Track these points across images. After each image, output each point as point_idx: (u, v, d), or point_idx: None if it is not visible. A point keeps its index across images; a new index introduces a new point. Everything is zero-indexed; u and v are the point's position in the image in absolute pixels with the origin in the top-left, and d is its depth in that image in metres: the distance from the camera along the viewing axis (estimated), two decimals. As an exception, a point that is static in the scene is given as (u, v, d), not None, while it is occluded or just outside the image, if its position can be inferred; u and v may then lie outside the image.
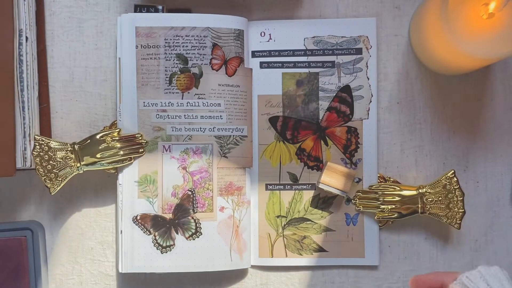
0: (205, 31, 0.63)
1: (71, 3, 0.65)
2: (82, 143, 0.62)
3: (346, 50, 0.65)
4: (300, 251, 0.65)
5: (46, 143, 0.61)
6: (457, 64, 0.62)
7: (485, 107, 0.66)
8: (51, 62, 0.65)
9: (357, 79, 0.65)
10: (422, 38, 0.62)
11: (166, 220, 0.63)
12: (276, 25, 0.66)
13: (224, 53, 0.64)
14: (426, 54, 0.64)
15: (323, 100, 0.65)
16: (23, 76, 0.60)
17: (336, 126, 0.65)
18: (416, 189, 0.63)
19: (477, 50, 0.55)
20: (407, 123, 0.66)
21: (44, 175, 0.61)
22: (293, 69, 0.66)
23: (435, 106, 0.66)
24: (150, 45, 0.63)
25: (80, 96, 0.66)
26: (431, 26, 0.59)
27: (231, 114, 0.64)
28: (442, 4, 0.54)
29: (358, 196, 0.65)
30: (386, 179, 0.65)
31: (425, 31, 0.61)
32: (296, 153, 0.66)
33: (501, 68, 0.66)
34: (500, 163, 0.66)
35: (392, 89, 0.66)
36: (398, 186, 0.64)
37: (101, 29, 0.65)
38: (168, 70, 0.63)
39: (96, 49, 0.65)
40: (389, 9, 0.66)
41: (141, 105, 0.63)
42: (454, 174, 0.63)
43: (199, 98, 0.63)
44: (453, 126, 0.66)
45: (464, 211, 0.63)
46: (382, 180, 0.65)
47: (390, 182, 0.65)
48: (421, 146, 0.66)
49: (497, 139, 0.66)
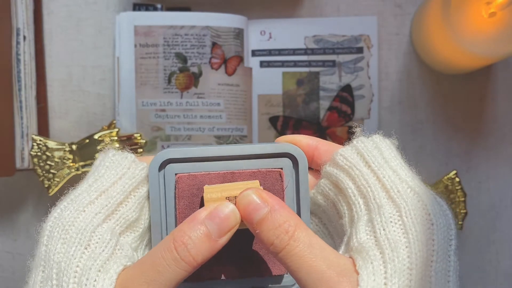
0: (204, 29, 0.63)
1: (69, 2, 0.65)
2: (80, 143, 0.62)
3: (347, 49, 0.65)
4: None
5: (44, 143, 0.61)
6: (459, 63, 0.61)
7: (488, 107, 0.66)
8: (49, 61, 0.65)
9: (358, 79, 0.65)
10: (424, 37, 0.62)
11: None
12: (276, 24, 0.65)
13: (223, 52, 0.63)
14: (428, 53, 0.63)
15: (323, 99, 0.65)
16: (20, 76, 0.60)
17: (337, 126, 0.65)
18: (418, 190, 0.63)
19: (479, 49, 0.55)
20: (408, 123, 0.65)
21: (42, 175, 0.61)
22: (293, 68, 0.65)
23: (437, 105, 0.66)
24: (149, 44, 0.62)
25: (78, 95, 0.65)
26: (432, 24, 0.58)
27: (230, 114, 0.63)
28: (444, 2, 0.54)
29: (359, 196, 0.64)
30: (387, 180, 0.65)
31: (427, 30, 0.60)
32: (297, 153, 0.65)
33: (503, 67, 0.65)
34: (502, 163, 0.66)
35: (393, 89, 0.66)
36: (400, 186, 0.64)
37: (100, 28, 0.65)
38: (167, 69, 0.63)
39: (94, 48, 0.65)
40: (390, 8, 0.66)
41: (140, 105, 0.63)
42: (456, 174, 0.63)
43: (199, 98, 0.63)
44: (455, 126, 0.66)
45: (466, 212, 0.63)
46: (383, 181, 0.65)
47: (392, 183, 0.64)
48: (422, 146, 0.65)
49: (500, 139, 0.66)
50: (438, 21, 0.56)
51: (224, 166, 0.35)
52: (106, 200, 0.33)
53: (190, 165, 0.35)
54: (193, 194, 0.35)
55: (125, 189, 0.34)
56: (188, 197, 0.35)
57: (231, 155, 0.35)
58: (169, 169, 0.35)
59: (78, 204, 0.33)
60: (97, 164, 0.36)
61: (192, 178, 0.35)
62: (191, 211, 0.34)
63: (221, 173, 0.35)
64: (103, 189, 0.34)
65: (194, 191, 0.35)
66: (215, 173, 0.35)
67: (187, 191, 0.35)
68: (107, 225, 0.33)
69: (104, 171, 0.35)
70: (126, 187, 0.34)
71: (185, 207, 0.34)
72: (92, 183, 0.34)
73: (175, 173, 0.35)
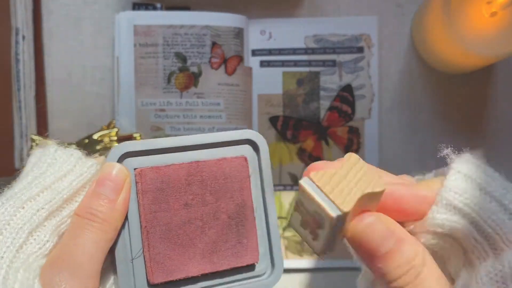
0: (204, 29, 0.62)
1: (69, 1, 0.65)
2: (79, 143, 0.62)
3: (347, 49, 0.65)
4: (301, 253, 0.65)
5: (43, 143, 0.61)
6: (460, 63, 0.61)
7: (488, 106, 0.65)
8: (48, 61, 0.65)
9: (358, 78, 0.64)
10: (424, 36, 0.62)
11: (165, 221, 0.63)
12: (276, 23, 0.65)
13: (223, 51, 0.63)
14: (429, 52, 0.63)
15: (324, 99, 0.65)
16: (20, 76, 0.60)
17: (338, 126, 0.65)
18: (419, 190, 0.63)
19: (480, 48, 0.55)
20: (409, 123, 0.65)
21: (41, 175, 0.61)
22: (293, 68, 0.65)
23: (438, 105, 0.65)
24: (149, 44, 0.62)
25: (78, 95, 0.65)
26: (433, 24, 0.58)
27: (230, 114, 0.63)
28: (444, 2, 0.54)
29: (359, 196, 0.64)
30: (388, 180, 0.64)
31: (427, 30, 0.60)
32: (297, 153, 0.65)
33: (504, 67, 0.65)
34: (504, 163, 0.65)
35: (394, 88, 0.65)
36: (400, 186, 0.63)
37: (99, 27, 0.65)
38: (166, 69, 0.62)
39: (93, 48, 0.65)
40: (391, 7, 0.65)
41: (139, 105, 0.62)
42: (457, 174, 0.62)
43: (198, 98, 0.63)
44: (456, 126, 0.65)
45: (467, 212, 0.62)
46: (384, 181, 0.64)
47: (392, 183, 0.64)
48: (423, 146, 0.65)
49: (501, 139, 0.65)
50: (439, 21, 0.55)
51: (187, 156, 0.33)
52: (51, 195, 0.30)
53: (151, 158, 0.33)
54: (157, 188, 0.32)
55: (73, 186, 0.31)
56: (153, 191, 0.32)
57: (193, 145, 0.33)
58: (128, 163, 0.32)
59: (15, 200, 0.29)
60: (34, 162, 0.32)
61: (155, 171, 0.32)
62: (157, 206, 0.32)
63: (185, 164, 0.33)
64: (46, 185, 0.30)
65: (158, 185, 0.32)
66: (179, 165, 0.33)
67: (151, 185, 0.32)
68: (50, 223, 0.30)
69: (46, 168, 0.31)
70: (74, 184, 0.31)
71: (151, 202, 0.32)
72: (32, 181, 0.31)
73: (135, 168, 0.32)
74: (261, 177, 0.35)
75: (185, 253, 0.31)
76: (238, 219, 0.34)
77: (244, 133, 0.35)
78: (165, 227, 0.32)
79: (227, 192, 0.34)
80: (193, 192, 0.33)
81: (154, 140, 0.33)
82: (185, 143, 0.33)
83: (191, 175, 0.33)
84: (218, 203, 0.33)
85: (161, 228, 0.32)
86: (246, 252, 0.34)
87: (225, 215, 0.34)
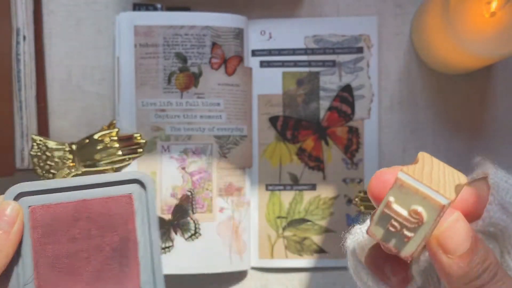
0: (204, 29, 0.63)
1: (69, 2, 0.65)
2: (80, 143, 0.62)
3: (347, 49, 0.65)
4: (301, 252, 0.65)
5: (44, 143, 0.61)
6: (459, 63, 0.61)
7: (488, 107, 0.65)
8: (49, 61, 0.65)
9: (358, 79, 0.65)
10: (424, 36, 0.62)
11: (165, 221, 0.63)
12: (276, 23, 0.65)
13: (223, 52, 0.63)
14: (428, 53, 0.63)
15: (323, 99, 0.65)
16: (20, 76, 0.60)
17: (337, 126, 0.65)
18: (418, 190, 0.63)
19: (479, 48, 0.55)
20: (409, 123, 0.65)
21: (42, 175, 0.61)
22: (293, 68, 0.65)
23: (437, 105, 0.65)
24: (149, 44, 0.62)
25: (78, 95, 0.65)
26: (433, 24, 0.58)
27: (230, 114, 0.63)
28: (443, 2, 0.54)
29: (359, 196, 0.64)
30: (387, 180, 0.64)
31: (427, 30, 0.60)
32: (297, 153, 0.65)
33: (504, 67, 0.65)
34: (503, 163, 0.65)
35: (393, 89, 0.65)
36: (400, 186, 0.63)
37: (99, 28, 0.65)
38: (167, 69, 0.63)
39: (94, 48, 0.65)
40: (390, 8, 0.65)
41: (140, 105, 0.62)
42: (457, 174, 0.62)
43: (198, 98, 0.63)
44: (455, 126, 0.66)
45: (467, 212, 0.62)
46: (384, 181, 0.64)
47: (392, 183, 0.64)
48: (423, 146, 0.65)
49: (500, 139, 0.65)
50: (438, 21, 0.55)
51: (77, 195, 0.37)
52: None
53: (44, 197, 0.37)
54: (47, 224, 0.36)
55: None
56: (43, 226, 0.36)
57: (84, 185, 0.37)
58: (23, 201, 0.37)
59: None
60: None
61: (46, 208, 0.37)
62: (46, 239, 0.36)
63: (73, 202, 0.37)
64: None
65: (48, 221, 0.37)
66: (67, 203, 0.37)
67: (41, 221, 0.36)
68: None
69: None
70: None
71: (40, 236, 0.36)
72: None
73: (29, 205, 0.37)
74: (148, 212, 0.39)
75: (71, 280, 0.36)
76: (122, 251, 0.38)
77: (131, 174, 0.38)
78: (53, 257, 0.36)
79: (112, 227, 0.37)
80: (80, 227, 0.37)
81: (47, 181, 0.37)
82: (75, 184, 0.37)
83: (78, 212, 0.37)
84: (102, 236, 0.37)
85: (49, 258, 0.36)
86: (127, 279, 0.38)
87: (109, 247, 0.37)
